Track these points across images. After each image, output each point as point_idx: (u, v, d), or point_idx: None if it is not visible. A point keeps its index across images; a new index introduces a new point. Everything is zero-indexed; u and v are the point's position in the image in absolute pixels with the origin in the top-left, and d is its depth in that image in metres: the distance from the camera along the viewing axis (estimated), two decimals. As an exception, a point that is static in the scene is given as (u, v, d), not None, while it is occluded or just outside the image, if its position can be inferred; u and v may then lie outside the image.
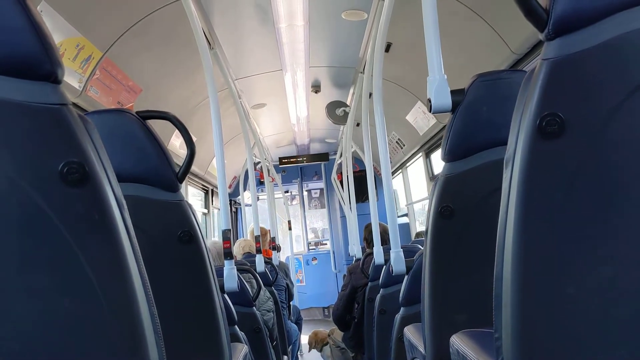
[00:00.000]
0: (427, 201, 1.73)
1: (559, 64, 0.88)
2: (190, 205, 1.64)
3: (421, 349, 1.87)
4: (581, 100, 0.87)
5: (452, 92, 1.57)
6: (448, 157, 1.66)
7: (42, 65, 0.82)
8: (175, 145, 4.56)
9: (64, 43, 2.59)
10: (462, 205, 1.64)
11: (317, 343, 5.44)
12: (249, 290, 3.29)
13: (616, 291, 0.87)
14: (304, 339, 6.71)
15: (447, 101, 1.56)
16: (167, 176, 1.61)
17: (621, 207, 0.87)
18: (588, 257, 0.88)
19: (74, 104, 2.95)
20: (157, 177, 1.60)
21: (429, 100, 1.55)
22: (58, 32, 2.51)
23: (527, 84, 0.92)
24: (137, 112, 1.61)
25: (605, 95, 0.86)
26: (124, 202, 0.90)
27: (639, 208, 0.87)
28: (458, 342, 1.39)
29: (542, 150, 0.88)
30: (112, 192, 0.86)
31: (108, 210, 0.83)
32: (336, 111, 5.71)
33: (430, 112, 1.58)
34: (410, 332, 2.20)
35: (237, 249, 5.02)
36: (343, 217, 8.65)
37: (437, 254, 1.68)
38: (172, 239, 1.59)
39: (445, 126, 1.68)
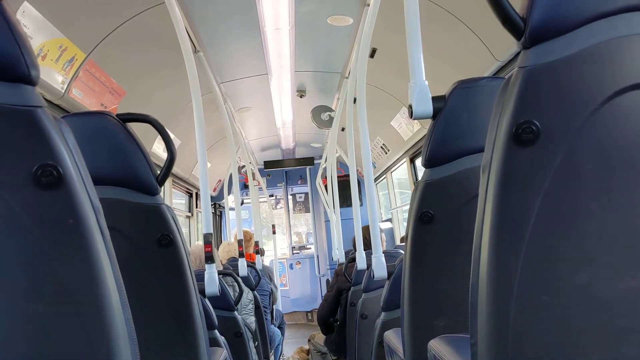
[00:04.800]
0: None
1: (534, 72, 0.88)
2: (170, 209, 1.64)
3: (400, 353, 1.88)
4: (556, 109, 0.88)
5: (433, 99, 1.57)
6: (428, 163, 1.67)
7: (18, 67, 0.81)
8: (159, 148, 4.54)
9: (46, 44, 2.57)
10: (441, 211, 1.65)
11: None
12: (231, 294, 3.28)
13: (591, 298, 0.88)
14: (286, 343, 6.70)
15: (428, 107, 1.56)
16: (147, 179, 1.60)
17: (595, 214, 0.88)
18: (563, 264, 0.89)
19: (57, 106, 2.93)
20: (137, 180, 1.59)
21: (410, 107, 1.55)
22: (40, 33, 2.49)
23: (503, 92, 0.93)
24: (117, 115, 1.60)
25: (580, 103, 0.87)
26: (99, 205, 0.89)
27: (612, 215, 0.88)
28: (435, 347, 1.40)
29: (517, 157, 0.88)
30: (88, 196, 0.85)
31: (82, 214, 0.82)
32: (321, 116, 5.72)
33: (411, 118, 1.58)
34: (390, 337, 2.21)
35: (222, 254, 5.00)
36: (327, 221, 8.65)
37: (417, 260, 1.68)
38: (151, 242, 1.58)
39: None
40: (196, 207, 6.85)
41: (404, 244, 1.86)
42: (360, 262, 3.26)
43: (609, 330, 0.88)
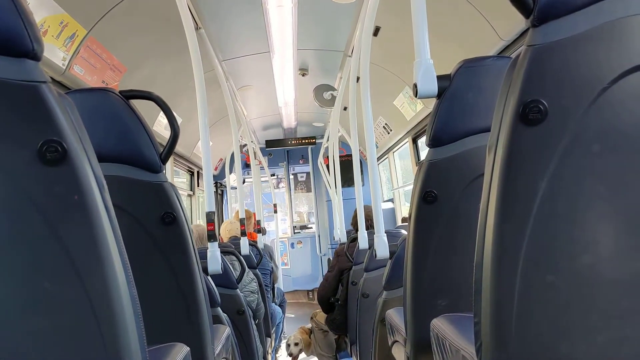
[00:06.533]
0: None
1: (543, 50, 0.88)
2: (173, 187, 1.63)
3: (402, 332, 1.89)
4: (564, 88, 0.87)
5: (438, 78, 1.56)
6: (432, 143, 1.66)
7: (22, 42, 0.80)
8: (161, 126, 4.52)
9: (47, 20, 2.55)
10: (445, 191, 1.64)
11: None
12: (233, 272, 3.29)
13: (596, 279, 0.88)
14: (288, 321, 6.74)
15: (433, 86, 1.54)
16: (150, 157, 1.60)
17: (601, 195, 0.88)
18: (568, 245, 0.88)
19: (58, 82, 2.91)
20: (140, 158, 1.59)
21: (415, 85, 1.54)
22: (41, 8, 2.47)
23: (511, 70, 0.92)
24: (120, 92, 1.59)
25: (588, 83, 0.86)
26: (104, 182, 0.89)
27: (618, 197, 0.88)
28: (438, 326, 1.41)
29: (524, 137, 0.88)
30: (92, 172, 0.85)
31: (87, 190, 0.82)
32: (324, 95, 5.68)
33: (416, 97, 1.57)
34: (392, 316, 2.22)
35: (224, 232, 5.00)
36: (329, 201, 8.66)
37: (420, 239, 1.68)
38: (155, 220, 1.58)
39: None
40: (197, 186, 6.84)
41: (405, 224, 1.86)
42: (362, 242, 3.27)
43: (613, 312, 0.88)
